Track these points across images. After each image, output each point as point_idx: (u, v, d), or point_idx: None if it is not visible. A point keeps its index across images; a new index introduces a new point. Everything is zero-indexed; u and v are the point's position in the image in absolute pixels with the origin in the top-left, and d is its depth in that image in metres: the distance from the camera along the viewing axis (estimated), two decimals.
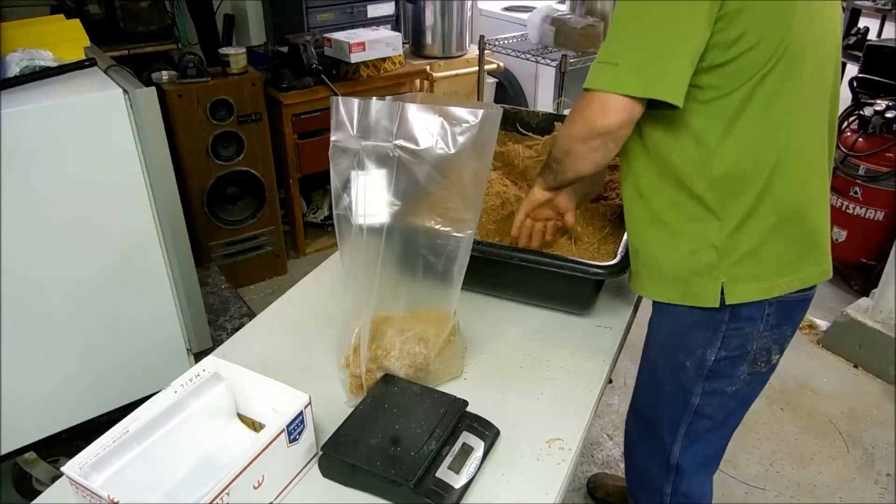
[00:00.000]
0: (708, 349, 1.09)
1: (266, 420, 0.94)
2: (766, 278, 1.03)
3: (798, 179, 1.01)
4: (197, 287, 1.71)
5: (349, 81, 2.80)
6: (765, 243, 1.02)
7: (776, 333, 1.10)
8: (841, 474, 2.01)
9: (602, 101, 0.93)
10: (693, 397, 1.15)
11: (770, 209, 1.00)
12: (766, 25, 0.91)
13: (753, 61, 0.93)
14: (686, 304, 1.08)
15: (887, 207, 2.59)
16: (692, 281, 1.06)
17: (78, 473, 0.78)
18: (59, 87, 1.46)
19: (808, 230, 1.05)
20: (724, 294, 1.04)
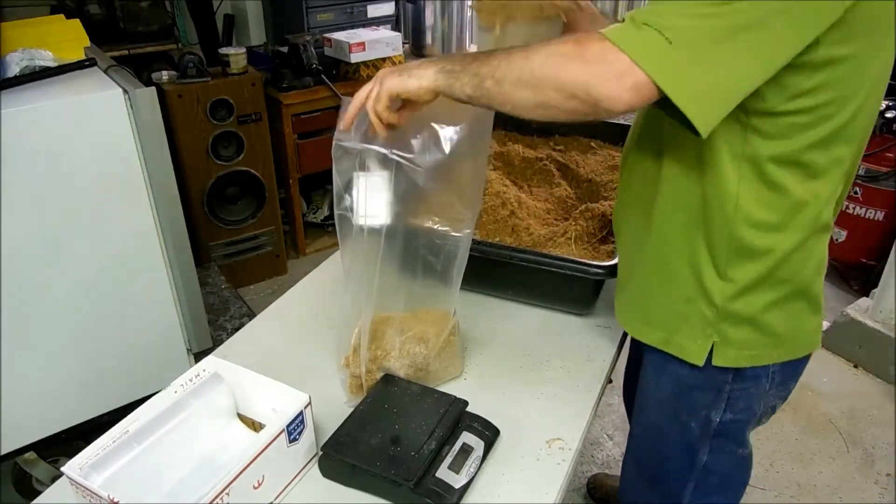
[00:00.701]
0: (713, 411, 1.00)
1: (266, 420, 0.94)
2: (759, 347, 0.95)
3: (818, 249, 0.92)
4: (197, 287, 1.71)
5: (349, 81, 2.80)
6: (767, 313, 0.93)
7: (782, 391, 1.02)
8: (841, 474, 2.01)
9: (625, 70, 0.72)
10: (701, 454, 1.05)
11: (782, 282, 0.91)
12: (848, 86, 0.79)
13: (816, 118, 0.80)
14: (667, 351, 0.99)
15: (887, 207, 2.59)
16: (681, 329, 0.97)
17: (78, 473, 0.78)
18: (59, 87, 1.46)
19: (813, 300, 0.95)
20: (713, 354, 0.95)
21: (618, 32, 0.74)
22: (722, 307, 0.92)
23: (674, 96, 0.72)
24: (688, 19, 0.71)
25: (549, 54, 0.76)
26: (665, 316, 0.98)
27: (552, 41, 0.78)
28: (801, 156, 0.82)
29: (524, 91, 0.78)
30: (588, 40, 0.75)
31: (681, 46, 0.71)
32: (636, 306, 1.04)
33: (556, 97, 0.77)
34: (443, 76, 0.83)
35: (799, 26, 0.72)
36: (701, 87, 0.73)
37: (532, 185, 1.47)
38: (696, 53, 0.72)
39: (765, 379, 0.98)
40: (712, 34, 0.71)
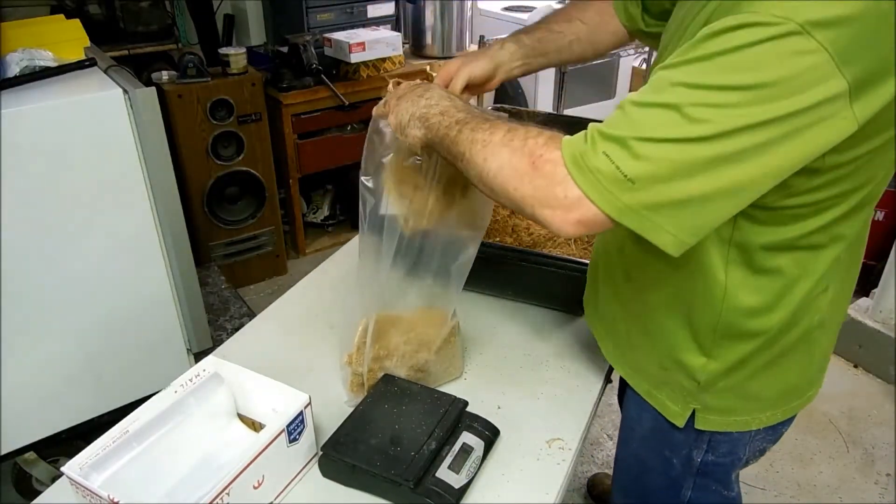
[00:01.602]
0: (694, 450, 0.95)
1: (266, 420, 0.93)
2: (745, 412, 0.90)
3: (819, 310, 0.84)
4: (197, 287, 1.71)
5: (349, 81, 2.80)
6: (752, 379, 0.87)
7: (770, 435, 0.96)
8: (841, 474, 2.01)
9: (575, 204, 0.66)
10: (685, 490, 1.00)
11: (772, 350, 0.84)
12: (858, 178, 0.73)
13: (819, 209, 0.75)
14: (650, 403, 0.95)
15: (887, 207, 2.59)
16: (662, 389, 0.93)
17: (78, 473, 0.78)
18: (59, 87, 1.46)
19: (806, 359, 0.89)
20: (695, 419, 0.91)
21: (575, 157, 0.66)
22: (704, 382, 0.87)
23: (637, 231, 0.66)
24: (658, 148, 0.62)
25: (503, 165, 0.72)
26: (648, 369, 0.94)
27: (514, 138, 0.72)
28: (797, 241, 0.77)
29: (482, 187, 0.77)
30: (543, 158, 0.69)
31: (644, 187, 0.63)
32: (621, 349, 0.99)
33: (509, 205, 0.74)
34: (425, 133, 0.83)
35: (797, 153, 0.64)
36: (669, 225, 0.65)
37: None
38: (664, 195, 0.63)
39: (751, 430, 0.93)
40: (686, 169, 0.62)
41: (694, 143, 0.62)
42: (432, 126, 0.81)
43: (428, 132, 0.82)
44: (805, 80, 0.60)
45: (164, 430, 0.88)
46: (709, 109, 0.61)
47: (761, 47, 0.60)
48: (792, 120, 0.61)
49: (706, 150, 0.62)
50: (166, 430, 0.88)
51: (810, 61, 0.59)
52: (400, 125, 0.86)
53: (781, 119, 0.61)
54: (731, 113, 0.61)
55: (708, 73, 0.62)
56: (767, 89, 0.60)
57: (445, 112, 0.81)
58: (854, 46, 0.59)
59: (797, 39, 0.59)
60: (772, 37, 0.59)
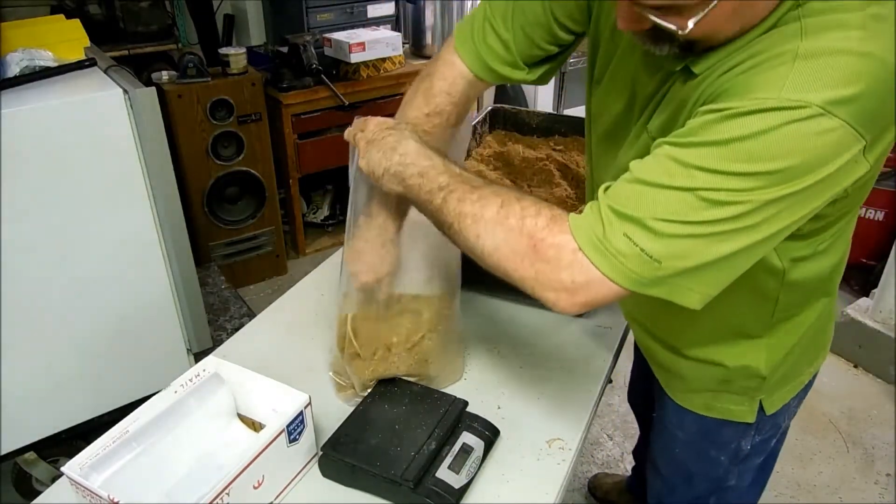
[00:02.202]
0: (743, 440, 1.00)
1: (266, 420, 0.93)
2: (796, 377, 0.97)
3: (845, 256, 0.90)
4: (197, 287, 1.71)
5: (349, 81, 2.80)
6: (803, 352, 0.94)
7: (802, 396, 1.03)
8: (841, 474, 2.01)
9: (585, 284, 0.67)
10: (729, 481, 1.05)
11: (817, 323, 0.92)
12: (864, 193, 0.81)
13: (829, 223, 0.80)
14: (710, 416, 0.97)
15: (887, 207, 2.59)
16: (723, 398, 0.95)
17: (78, 473, 0.78)
18: (59, 87, 1.46)
19: (833, 314, 0.98)
20: (763, 408, 0.95)
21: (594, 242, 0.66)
22: (769, 374, 0.91)
23: (663, 297, 0.67)
24: (680, 228, 0.63)
25: (498, 245, 0.70)
26: (705, 387, 0.95)
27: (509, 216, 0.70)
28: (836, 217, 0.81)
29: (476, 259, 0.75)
30: (546, 242, 0.68)
31: (670, 264, 0.64)
32: (668, 376, 1.01)
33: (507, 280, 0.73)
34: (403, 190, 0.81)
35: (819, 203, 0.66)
36: (695, 286, 0.67)
37: (532, 185, 1.47)
38: (689, 265, 0.65)
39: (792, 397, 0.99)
40: (709, 242, 0.64)
41: (715, 224, 0.63)
42: (411, 187, 0.79)
43: (406, 192, 0.80)
44: (829, 153, 0.61)
45: (165, 430, 0.88)
46: (729, 194, 0.61)
47: (783, 131, 0.60)
48: (817, 185, 0.63)
49: (728, 226, 0.63)
50: (166, 430, 0.88)
51: (835, 137, 0.60)
52: (373, 174, 0.84)
53: (807, 189, 0.62)
54: (752, 195, 0.62)
55: (725, 160, 0.61)
56: (793, 171, 0.61)
57: (424, 174, 0.78)
58: (870, 114, 0.61)
59: (820, 121, 0.59)
60: (793, 120, 0.59)
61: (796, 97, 0.59)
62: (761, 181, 0.61)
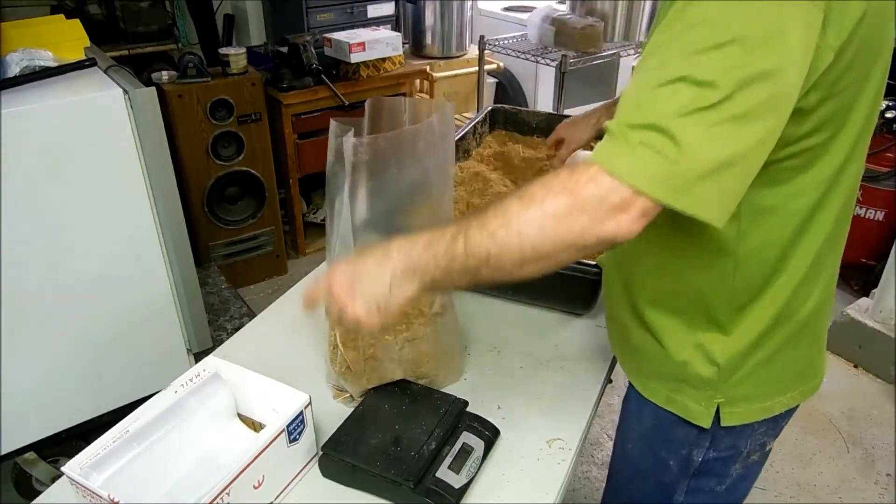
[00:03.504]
0: (695, 449, 0.92)
1: (266, 420, 0.93)
2: (767, 397, 0.89)
3: (823, 279, 0.84)
4: (197, 287, 1.71)
5: (349, 81, 2.80)
6: (773, 360, 0.86)
7: (772, 428, 0.93)
8: (841, 474, 2.01)
9: (629, 201, 0.65)
10: (676, 496, 0.98)
11: (789, 321, 0.84)
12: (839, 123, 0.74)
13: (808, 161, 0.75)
14: (671, 410, 0.91)
15: (887, 207, 2.59)
16: (682, 390, 0.90)
17: (78, 473, 0.78)
18: (59, 87, 1.46)
19: (818, 337, 0.90)
20: (720, 415, 0.88)
21: (611, 158, 0.65)
22: (725, 366, 0.85)
23: (688, 210, 0.65)
24: (687, 121, 0.63)
25: (542, 221, 0.67)
26: (666, 372, 0.90)
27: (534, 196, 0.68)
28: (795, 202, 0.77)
29: (531, 266, 0.70)
30: (578, 182, 0.66)
31: (686, 160, 0.63)
32: (637, 360, 0.96)
33: (569, 256, 0.69)
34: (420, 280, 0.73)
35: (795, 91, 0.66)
36: (715, 194, 0.65)
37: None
38: (704, 163, 0.64)
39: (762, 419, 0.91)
40: (718, 133, 0.63)
41: (715, 108, 0.62)
42: (426, 268, 0.72)
43: (423, 277, 0.73)
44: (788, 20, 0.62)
45: (165, 429, 0.88)
46: (716, 72, 0.62)
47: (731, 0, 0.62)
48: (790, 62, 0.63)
49: (733, 109, 0.62)
50: (166, 429, 0.88)
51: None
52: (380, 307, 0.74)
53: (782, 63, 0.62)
54: (735, 70, 0.62)
55: (699, 39, 0.63)
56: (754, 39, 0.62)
57: (430, 245, 0.73)
58: None
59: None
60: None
61: None
62: (727, 54, 0.62)
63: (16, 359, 1.48)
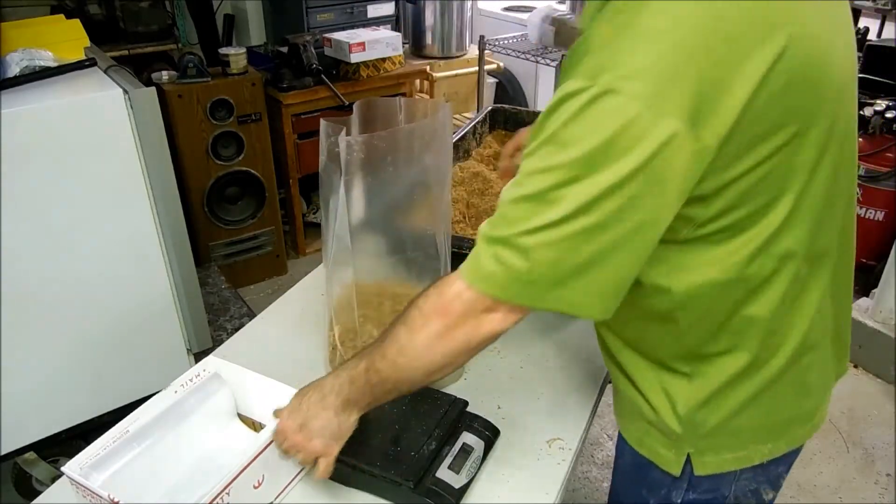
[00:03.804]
0: (673, 490, 0.88)
1: (266, 420, 0.93)
2: (742, 447, 0.83)
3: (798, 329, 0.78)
4: (197, 287, 1.71)
5: (349, 81, 2.80)
6: (745, 410, 0.80)
7: (762, 475, 0.88)
8: (841, 474, 2.01)
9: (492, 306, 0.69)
10: None
11: (757, 373, 0.78)
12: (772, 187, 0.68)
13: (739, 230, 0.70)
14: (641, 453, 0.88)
15: (887, 207, 2.59)
16: (652, 434, 0.85)
17: (78, 473, 0.78)
18: (59, 87, 1.46)
19: (798, 386, 0.82)
20: (692, 465, 0.83)
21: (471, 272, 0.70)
22: (687, 419, 0.80)
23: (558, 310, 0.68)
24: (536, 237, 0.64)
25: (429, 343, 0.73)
26: (636, 413, 0.87)
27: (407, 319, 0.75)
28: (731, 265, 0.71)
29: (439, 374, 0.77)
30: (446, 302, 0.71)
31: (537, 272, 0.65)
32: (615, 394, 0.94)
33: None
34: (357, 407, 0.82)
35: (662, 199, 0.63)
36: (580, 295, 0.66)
37: None
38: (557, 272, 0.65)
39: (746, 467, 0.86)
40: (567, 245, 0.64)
41: (563, 224, 0.63)
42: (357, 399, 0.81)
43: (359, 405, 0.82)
44: (632, 135, 0.59)
45: (165, 430, 0.88)
46: (562, 189, 0.62)
47: (582, 116, 0.61)
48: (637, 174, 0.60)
49: (575, 225, 0.63)
50: (166, 430, 0.88)
51: (628, 115, 0.59)
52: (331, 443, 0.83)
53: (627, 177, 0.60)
54: (579, 185, 0.62)
55: (552, 155, 0.63)
56: (600, 154, 0.60)
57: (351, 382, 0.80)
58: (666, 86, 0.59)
59: (609, 99, 0.59)
60: (586, 103, 0.60)
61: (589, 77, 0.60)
62: (580, 168, 0.61)
63: (16, 359, 1.48)
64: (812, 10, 0.65)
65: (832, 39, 0.68)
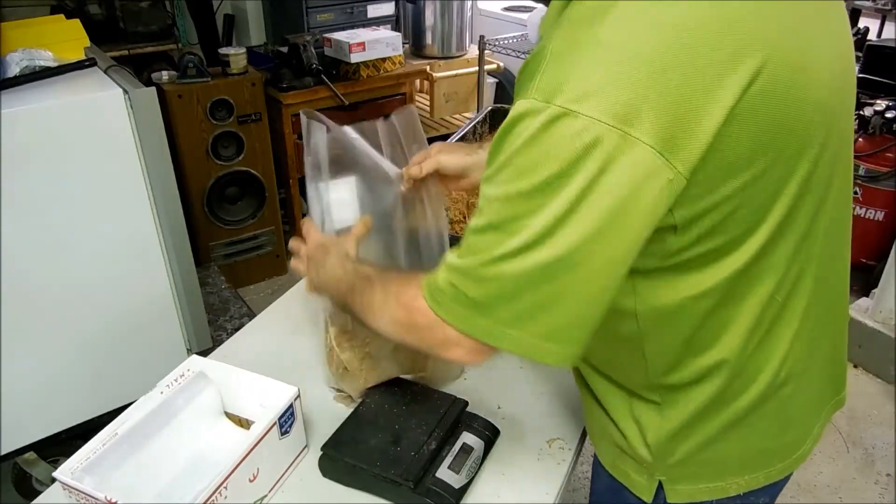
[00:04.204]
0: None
1: (254, 416, 0.93)
2: (717, 478, 0.79)
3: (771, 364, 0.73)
4: (197, 287, 1.71)
5: (349, 81, 2.80)
6: (717, 442, 0.76)
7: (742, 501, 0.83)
8: (841, 474, 2.01)
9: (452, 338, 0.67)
10: None
11: (728, 407, 0.74)
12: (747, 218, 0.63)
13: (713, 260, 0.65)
14: (615, 477, 0.85)
15: (887, 207, 2.59)
16: (625, 459, 0.82)
17: (70, 477, 0.78)
18: (59, 87, 1.46)
19: (778, 419, 0.77)
20: (665, 492, 0.80)
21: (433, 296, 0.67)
22: (656, 448, 0.77)
23: (517, 354, 0.64)
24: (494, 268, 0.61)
25: (388, 323, 0.75)
26: (609, 437, 0.84)
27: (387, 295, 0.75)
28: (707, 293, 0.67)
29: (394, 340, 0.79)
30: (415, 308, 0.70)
31: (497, 308, 0.62)
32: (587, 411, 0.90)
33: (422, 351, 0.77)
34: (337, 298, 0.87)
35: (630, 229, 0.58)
36: (542, 338, 0.62)
37: None
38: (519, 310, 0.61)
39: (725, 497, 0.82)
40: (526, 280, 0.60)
41: (522, 254, 0.59)
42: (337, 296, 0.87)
43: (337, 299, 0.88)
44: (595, 160, 0.55)
45: (154, 430, 0.88)
46: (522, 219, 0.58)
47: (539, 141, 0.56)
48: (601, 201, 0.56)
49: (535, 258, 0.59)
50: (155, 430, 0.88)
51: (590, 138, 0.54)
52: (315, 287, 0.92)
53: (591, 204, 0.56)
54: (539, 215, 0.57)
55: (511, 181, 0.59)
56: (560, 179, 0.56)
57: (340, 280, 0.85)
58: (630, 106, 0.54)
59: (566, 121, 0.55)
60: (543, 125, 0.55)
61: (543, 97, 0.55)
62: (540, 196, 0.57)
63: (16, 359, 1.48)
64: (790, 29, 0.60)
65: (816, 56, 0.63)
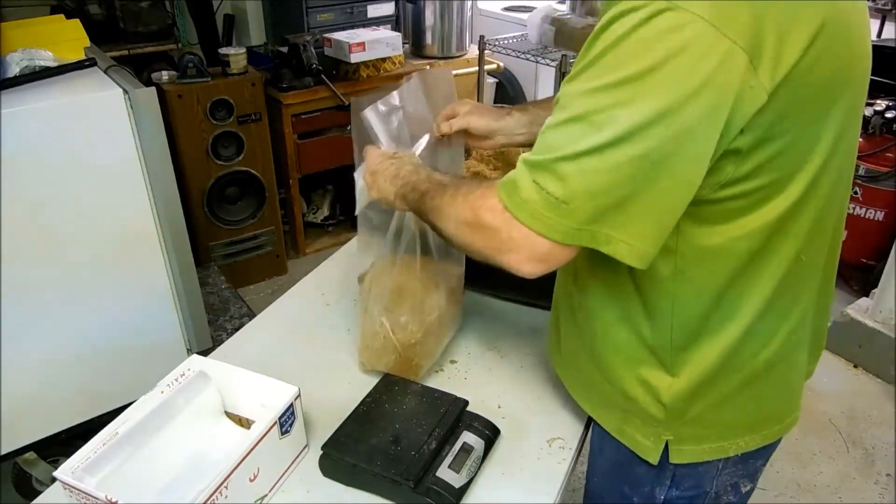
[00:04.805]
0: (656, 487, 0.88)
1: (254, 416, 0.93)
2: (720, 438, 0.83)
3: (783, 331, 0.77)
4: (197, 287, 1.71)
5: (349, 81, 2.80)
6: (724, 404, 0.80)
7: (742, 469, 0.88)
8: (841, 474, 2.01)
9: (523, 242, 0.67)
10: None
11: (740, 369, 0.78)
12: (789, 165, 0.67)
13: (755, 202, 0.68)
14: (621, 441, 0.88)
15: (887, 207, 2.59)
16: (630, 421, 0.86)
17: (71, 477, 0.78)
18: (59, 87, 1.46)
19: (783, 385, 0.83)
20: (669, 452, 0.84)
21: (510, 195, 0.67)
22: (671, 405, 0.80)
23: (592, 246, 0.65)
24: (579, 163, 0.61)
25: (456, 222, 0.76)
26: (614, 403, 0.87)
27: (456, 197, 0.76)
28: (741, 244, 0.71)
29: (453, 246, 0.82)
30: (483, 208, 0.70)
31: (579, 205, 0.62)
32: (586, 387, 0.93)
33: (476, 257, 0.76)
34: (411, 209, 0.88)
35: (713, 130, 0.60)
36: (619, 233, 0.63)
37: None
38: (601, 206, 0.62)
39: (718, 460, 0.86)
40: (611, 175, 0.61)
41: (609, 149, 0.60)
42: (411, 202, 0.87)
43: (410, 207, 0.88)
44: (692, 55, 0.57)
45: (154, 430, 0.88)
46: (611, 111, 0.59)
47: (636, 34, 0.58)
48: (694, 98, 0.58)
49: (623, 152, 0.60)
50: (155, 430, 0.88)
51: (689, 34, 0.56)
52: (386, 200, 0.92)
53: (683, 100, 0.58)
54: (631, 109, 0.58)
55: (600, 75, 0.60)
56: (656, 74, 0.57)
57: (416, 188, 0.86)
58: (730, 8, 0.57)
59: (669, 16, 0.57)
60: (643, 20, 0.57)
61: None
62: (633, 89, 0.58)
63: (16, 359, 1.48)
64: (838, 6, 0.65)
65: (858, 30, 0.68)
